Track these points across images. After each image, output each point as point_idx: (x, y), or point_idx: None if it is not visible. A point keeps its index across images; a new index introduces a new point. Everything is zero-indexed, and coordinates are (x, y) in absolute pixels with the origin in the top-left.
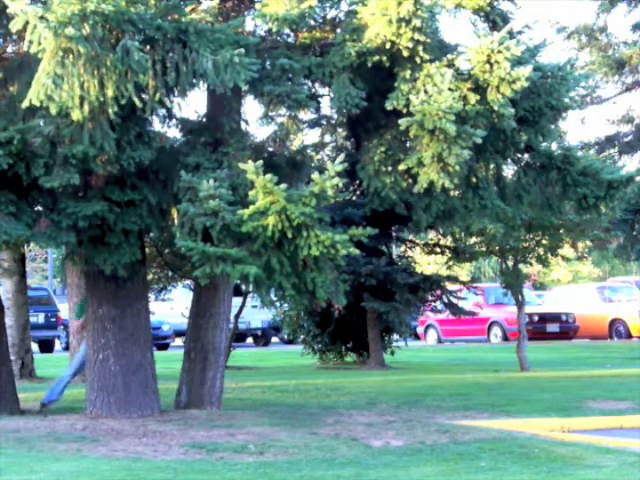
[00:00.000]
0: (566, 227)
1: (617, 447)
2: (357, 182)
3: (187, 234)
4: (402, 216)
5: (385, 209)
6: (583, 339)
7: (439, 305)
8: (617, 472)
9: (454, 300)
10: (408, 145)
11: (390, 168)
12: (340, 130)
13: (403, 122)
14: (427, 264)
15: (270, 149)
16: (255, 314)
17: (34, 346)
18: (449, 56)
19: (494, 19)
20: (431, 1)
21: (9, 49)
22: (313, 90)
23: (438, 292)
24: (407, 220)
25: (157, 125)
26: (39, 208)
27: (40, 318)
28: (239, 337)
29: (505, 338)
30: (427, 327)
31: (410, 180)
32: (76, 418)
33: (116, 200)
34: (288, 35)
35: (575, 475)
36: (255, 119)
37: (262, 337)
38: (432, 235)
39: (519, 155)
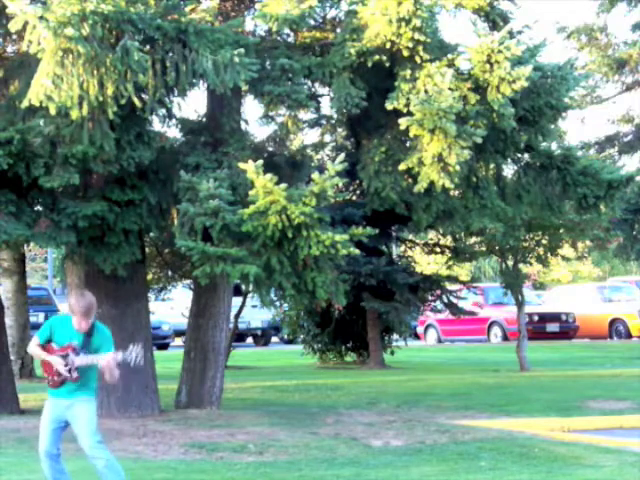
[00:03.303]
0: (566, 227)
1: (617, 447)
2: (357, 182)
3: (187, 234)
4: (402, 216)
5: (385, 209)
6: (583, 339)
7: (439, 305)
8: (617, 472)
9: (454, 300)
10: (408, 145)
11: (390, 168)
12: (340, 130)
13: (403, 122)
14: (427, 264)
15: (270, 149)
16: (255, 314)
17: None
18: (449, 56)
19: (494, 19)
20: (431, 1)
21: (9, 49)
22: (313, 90)
23: (438, 292)
24: (407, 220)
25: (157, 125)
26: (39, 208)
27: (40, 318)
28: (239, 337)
29: (505, 338)
30: (427, 327)
31: (410, 180)
32: None
33: (116, 200)
34: (288, 35)
35: (575, 475)
36: (255, 119)
37: (262, 337)
38: (432, 235)
39: (519, 155)
